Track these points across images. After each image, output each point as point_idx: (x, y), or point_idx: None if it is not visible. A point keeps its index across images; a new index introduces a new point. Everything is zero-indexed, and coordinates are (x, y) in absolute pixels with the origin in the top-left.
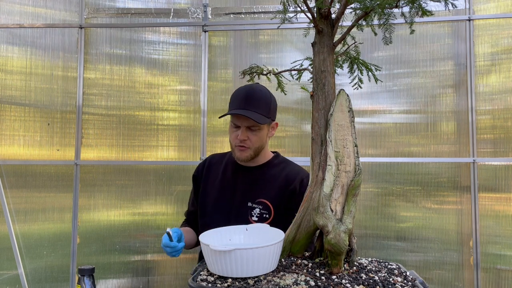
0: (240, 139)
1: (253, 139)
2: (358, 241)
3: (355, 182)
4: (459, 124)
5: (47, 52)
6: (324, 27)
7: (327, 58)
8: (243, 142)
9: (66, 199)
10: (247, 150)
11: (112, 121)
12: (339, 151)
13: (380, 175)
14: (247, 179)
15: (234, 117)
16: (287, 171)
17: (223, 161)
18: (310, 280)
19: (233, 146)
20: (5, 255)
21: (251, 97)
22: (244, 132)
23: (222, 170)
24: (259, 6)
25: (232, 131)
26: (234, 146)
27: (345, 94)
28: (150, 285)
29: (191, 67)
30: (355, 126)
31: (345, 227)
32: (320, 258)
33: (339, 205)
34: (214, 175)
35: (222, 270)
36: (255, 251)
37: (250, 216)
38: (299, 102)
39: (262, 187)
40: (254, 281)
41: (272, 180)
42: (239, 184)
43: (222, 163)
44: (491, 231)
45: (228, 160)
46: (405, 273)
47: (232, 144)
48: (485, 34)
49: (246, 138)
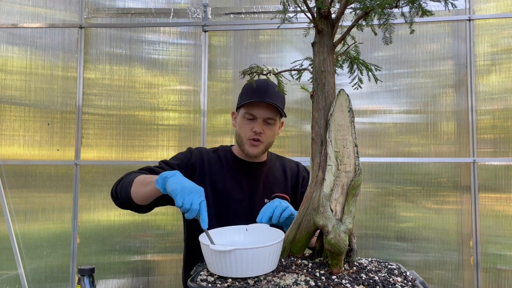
0: (256, 131)
1: (268, 133)
2: (358, 241)
3: (355, 182)
4: (459, 124)
5: (47, 52)
6: (324, 27)
7: (327, 58)
8: (259, 135)
9: (66, 199)
10: (260, 145)
11: (112, 121)
12: (339, 151)
13: (380, 175)
14: (259, 176)
15: (253, 107)
16: (286, 164)
17: (220, 158)
18: (310, 280)
19: (245, 140)
20: (5, 255)
21: (271, 89)
22: (260, 124)
23: (227, 168)
24: (259, 6)
25: (246, 123)
26: (246, 140)
27: (345, 94)
28: (150, 285)
29: (191, 67)
30: (355, 126)
31: (345, 227)
32: (320, 258)
33: (339, 205)
34: (218, 172)
35: (222, 270)
36: (255, 251)
37: None
38: (299, 102)
39: (274, 182)
40: (254, 281)
41: (279, 174)
42: (252, 181)
43: (221, 159)
44: (491, 231)
45: (225, 156)
46: (405, 273)
47: (243, 138)
48: (485, 34)
49: (262, 131)
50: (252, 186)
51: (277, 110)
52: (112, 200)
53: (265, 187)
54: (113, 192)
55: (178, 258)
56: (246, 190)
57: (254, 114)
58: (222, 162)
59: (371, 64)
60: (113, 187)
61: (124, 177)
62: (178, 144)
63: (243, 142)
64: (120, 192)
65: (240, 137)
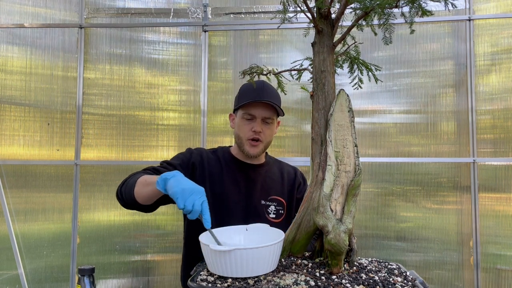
0: (256, 130)
1: (266, 132)
2: (358, 241)
3: (355, 182)
4: (459, 124)
5: (47, 52)
6: (324, 27)
7: (327, 58)
8: (258, 135)
9: (66, 199)
10: (260, 145)
11: (112, 121)
12: (339, 151)
13: (380, 175)
14: (256, 178)
15: (251, 107)
16: (283, 168)
17: (219, 159)
18: (310, 280)
19: (244, 140)
20: (5, 255)
21: (267, 89)
22: (259, 123)
23: (226, 168)
24: (259, 6)
25: (245, 124)
26: (246, 140)
27: (345, 94)
28: (150, 285)
29: (191, 67)
30: (355, 126)
31: (345, 227)
32: (320, 258)
33: (339, 205)
34: (217, 173)
35: (222, 270)
36: (255, 251)
37: (267, 213)
38: (299, 102)
39: (271, 185)
40: (254, 281)
41: (276, 177)
42: (249, 183)
43: (220, 160)
44: (491, 231)
45: (223, 157)
46: (405, 273)
47: (242, 139)
48: (485, 34)
49: (261, 131)
50: (249, 188)
51: (274, 109)
52: (117, 201)
53: (262, 189)
54: (118, 193)
55: (178, 258)
56: (243, 191)
57: (252, 113)
58: (221, 163)
59: (371, 64)
60: (118, 188)
61: (128, 178)
62: (178, 144)
63: (243, 143)
64: (125, 193)
65: (240, 138)
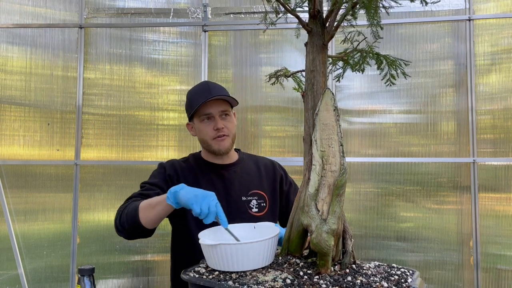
0: (219, 127)
1: (229, 125)
2: (358, 241)
3: (338, 182)
4: (459, 124)
5: (47, 52)
6: (314, 27)
7: (316, 58)
8: (222, 130)
9: (66, 199)
10: (227, 139)
11: (112, 121)
12: (325, 151)
13: (380, 175)
14: (232, 176)
15: (205, 108)
16: (259, 162)
17: (192, 166)
18: (288, 278)
19: (210, 140)
20: (5, 255)
21: (213, 86)
22: (219, 120)
23: (200, 173)
24: (259, 6)
25: (206, 125)
26: (211, 139)
27: (330, 93)
28: (150, 285)
29: (191, 67)
30: (340, 125)
31: (328, 227)
32: (313, 258)
33: (326, 205)
34: (192, 179)
35: (213, 263)
36: (239, 246)
37: (250, 209)
38: (299, 102)
39: (249, 180)
40: (239, 275)
41: (253, 172)
42: (226, 182)
43: (193, 167)
44: (491, 231)
45: (196, 163)
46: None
47: (208, 139)
48: (485, 34)
49: (223, 126)
50: (226, 187)
51: (227, 102)
52: (118, 234)
53: (241, 185)
54: (118, 226)
55: None
56: (221, 191)
57: (209, 112)
58: (194, 169)
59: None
60: (115, 222)
61: (121, 211)
62: (178, 144)
63: (210, 144)
64: (127, 223)
65: (205, 141)
